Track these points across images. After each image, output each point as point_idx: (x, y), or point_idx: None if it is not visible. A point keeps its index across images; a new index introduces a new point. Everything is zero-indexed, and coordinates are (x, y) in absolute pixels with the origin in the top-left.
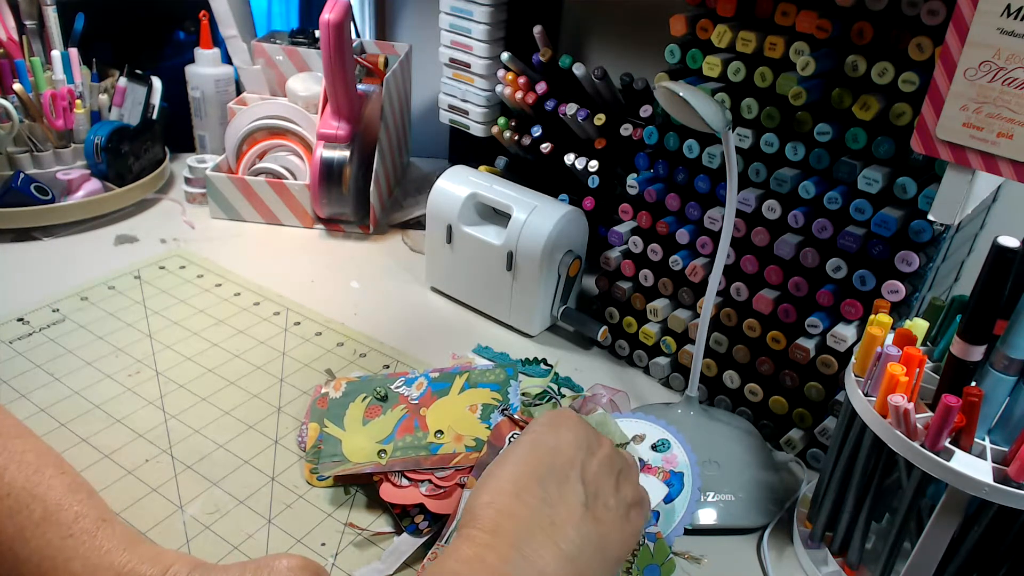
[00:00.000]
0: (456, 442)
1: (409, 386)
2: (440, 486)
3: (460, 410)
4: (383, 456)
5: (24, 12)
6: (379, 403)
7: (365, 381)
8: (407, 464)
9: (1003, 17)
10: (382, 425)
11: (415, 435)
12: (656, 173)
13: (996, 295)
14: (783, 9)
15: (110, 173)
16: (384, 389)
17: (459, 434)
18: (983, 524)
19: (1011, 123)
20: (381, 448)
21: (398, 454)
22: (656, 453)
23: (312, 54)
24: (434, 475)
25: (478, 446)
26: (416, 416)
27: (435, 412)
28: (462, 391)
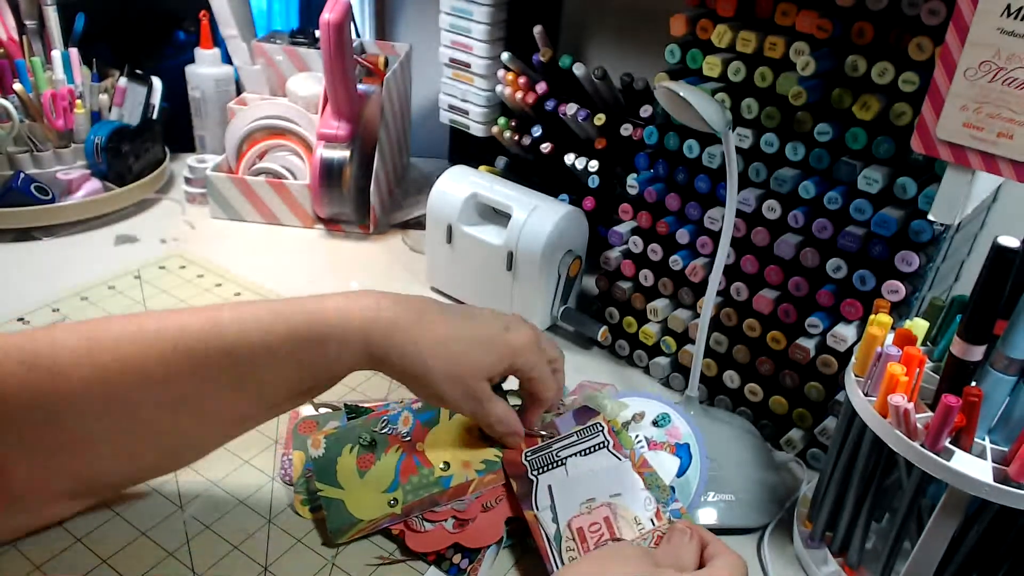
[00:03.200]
0: (465, 470)
1: (395, 423)
2: (465, 519)
3: (457, 435)
4: (395, 505)
5: (24, 12)
6: (368, 451)
7: (345, 430)
8: (424, 506)
9: (1003, 17)
10: (381, 473)
11: (420, 474)
12: (656, 173)
13: (996, 295)
14: (783, 9)
15: (110, 173)
16: (369, 435)
17: (465, 461)
18: (983, 524)
19: (1011, 123)
20: (390, 498)
21: (410, 498)
22: (658, 428)
23: (312, 54)
24: (454, 509)
25: (490, 467)
26: (414, 453)
27: (432, 444)
28: (450, 416)
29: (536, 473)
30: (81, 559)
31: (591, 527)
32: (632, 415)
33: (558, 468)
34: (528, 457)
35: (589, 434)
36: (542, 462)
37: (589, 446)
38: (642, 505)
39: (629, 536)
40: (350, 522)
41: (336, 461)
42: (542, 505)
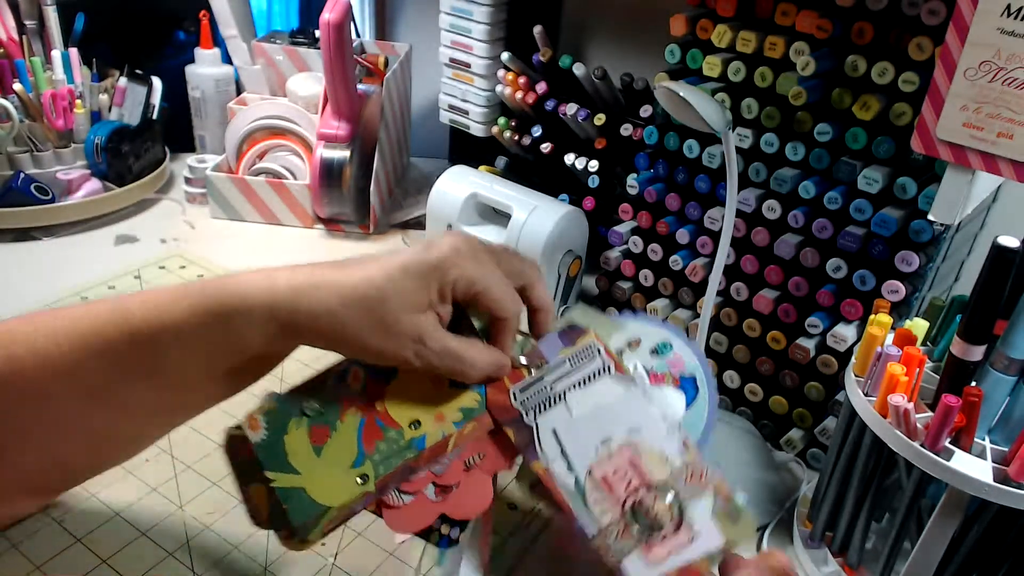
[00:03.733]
0: (439, 424)
1: (343, 384)
2: (446, 484)
3: (422, 387)
4: (366, 482)
5: (24, 12)
6: (320, 422)
7: (283, 402)
8: (399, 476)
9: (1003, 17)
10: (341, 445)
11: (387, 438)
12: (656, 173)
13: (996, 295)
14: (783, 9)
15: (110, 173)
16: (315, 402)
17: (438, 414)
18: (983, 524)
19: (1011, 123)
20: (358, 474)
21: (381, 470)
22: (658, 358)
23: (312, 54)
24: (433, 474)
25: (469, 415)
26: (375, 415)
27: (395, 400)
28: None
29: (533, 416)
30: (81, 559)
31: (616, 475)
32: (627, 342)
33: (558, 407)
34: (519, 396)
35: (583, 359)
36: (537, 400)
37: (587, 374)
38: (666, 438)
39: (661, 475)
40: (317, 512)
41: (283, 441)
42: (551, 455)
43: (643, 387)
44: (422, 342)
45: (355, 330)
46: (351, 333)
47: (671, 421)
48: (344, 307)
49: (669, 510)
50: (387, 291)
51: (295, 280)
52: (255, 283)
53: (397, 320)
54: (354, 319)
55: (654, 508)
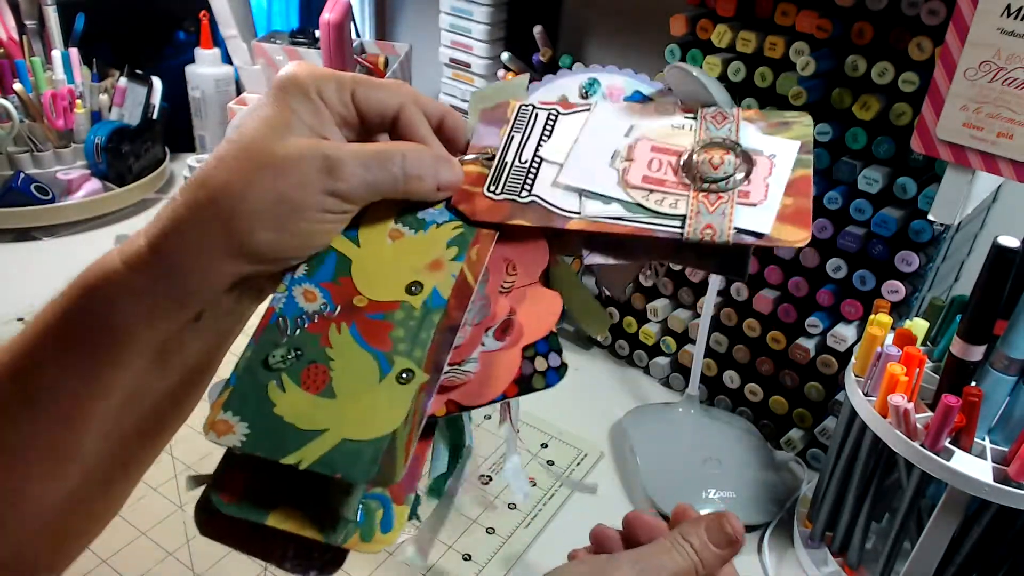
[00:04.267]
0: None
1: (297, 309)
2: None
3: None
4: (412, 375)
5: (24, 12)
6: (303, 365)
7: (243, 378)
8: (444, 347)
9: (1003, 17)
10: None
11: (396, 322)
12: None
13: (996, 295)
14: (783, 9)
15: (110, 173)
16: (282, 350)
17: (431, 262)
18: (983, 524)
19: (1011, 123)
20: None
21: (418, 353)
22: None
23: (312, 54)
24: (477, 324)
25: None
26: (362, 313)
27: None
28: (358, 243)
29: (527, 192)
30: (81, 559)
31: (651, 167)
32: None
33: (541, 168)
34: (495, 190)
35: (525, 120)
36: (518, 178)
37: (541, 128)
38: (661, 115)
39: (690, 141)
40: (383, 449)
41: (276, 415)
42: (575, 206)
43: (601, 101)
44: (328, 160)
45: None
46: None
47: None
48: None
49: (728, 152)
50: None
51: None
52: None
53: (282, 157)
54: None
55: (714, 157)
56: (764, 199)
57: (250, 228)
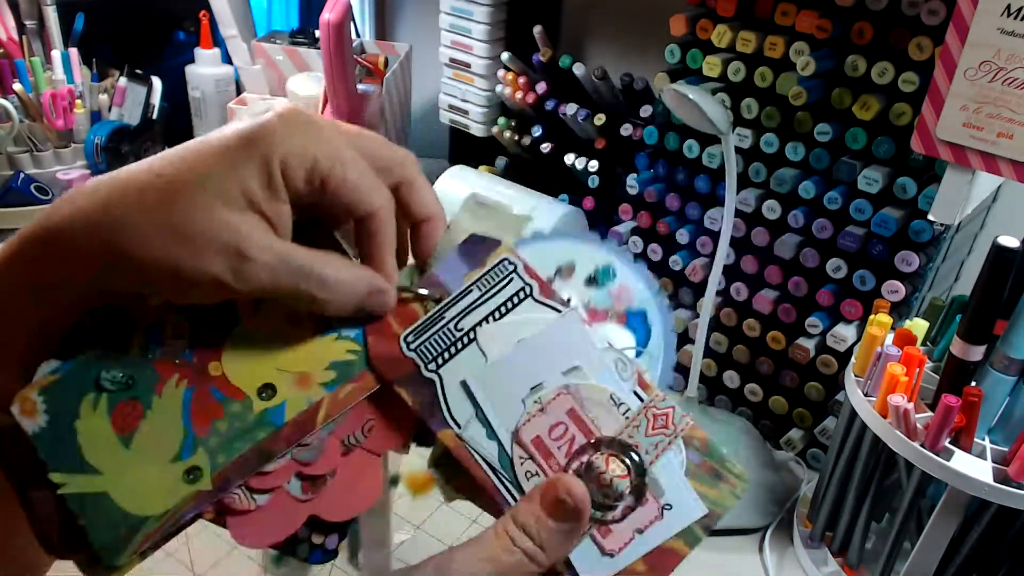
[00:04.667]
0: (303, 388)
1: (158, 341)
2: (318, 474)
3: (275, 338)
4: (198, 477)
5: (24, 12)
6: (126, 395)
7: (70, 375)
8: (247, 467)
9: (1003, 17)
10: (160, 430)
11: (228, 413)
12: (656, 173)
13: (996, 295)
14: (783, 9)
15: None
16: (118, 371)
17: (302, 374)
18: (983, 524)
19: (1011, 123)
20: (186, 467)
21: (221, 459)
22: (597, 289)
23: (312, 54)
24: (297, 461)
25: (344, 373)
26: (209, 381)
27: (235, 358)
28: (256, 306)
29: (435, 367)
30: None
31: (552, 432)
32: (556, 267)
33: (467, 350)
34: (412, 342)
35: (496, 280)
36: (439, 345)
37: (504, 299)
38: (614, 374)
39: (613, 428)
40: (128, 526)
41: (74, 428)
42: (463, 417)
43: (578, 315)
44: (241, 253)
45: (127, 239)
46: (121, 245)
47: (619, 355)
48: (106, 208)
49: (628, 473)
50: (176, 179)
51: (37, 217)
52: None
53: (192, 218)
54: (123, 223)
55: (608, 472)
56: (618, 552)
57: (129, 275)
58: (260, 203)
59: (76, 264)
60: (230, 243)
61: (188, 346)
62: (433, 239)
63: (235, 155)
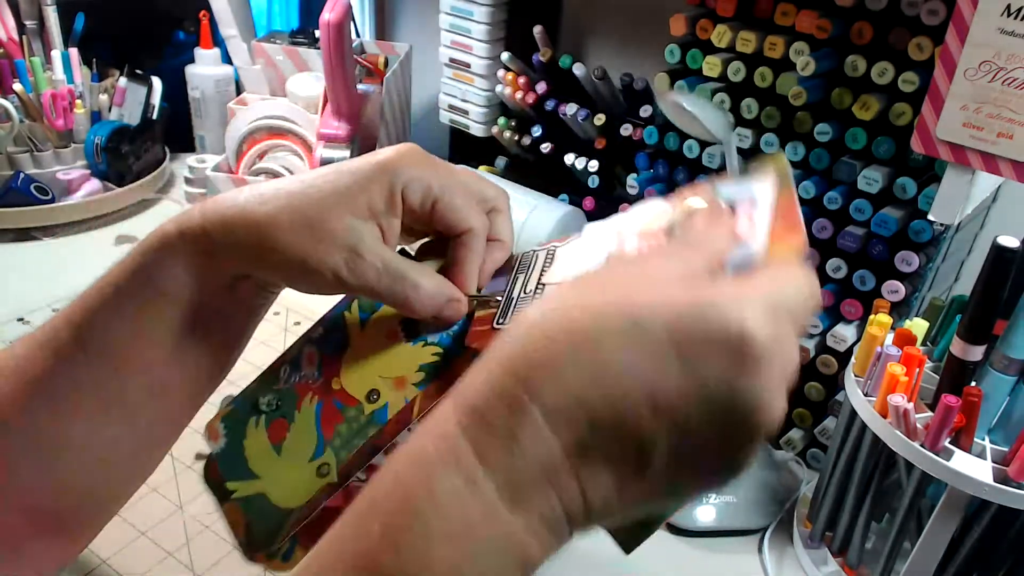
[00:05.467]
0: (399, 389)
1: (298, 367)
2: None
3: (377, 351)
4: (327, 472)
5: (24, 12)
6: (278, 416)
7: (240, 404)
8: (363, 459)
9: (1003, 17)
10: (300, 437)
11: (346, 418)
12: (656, 173)
13: (996, 295)
14: (783, 9)
15: (110, 173)
16: (271, 396)
17: (398, 377)
18: (983, 524)
19: (1011, 123)
20: (319, 464)
21: (343, 455)
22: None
23: (312, 54)
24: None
25: (431, 373)
26: (331, 395)
27: (351, 373)
28: (362, 327)
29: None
30: (81, 559)
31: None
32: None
33: (547, 292)
34: (504, 322)
35: (527, 263)
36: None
37: (542, 265)
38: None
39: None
40: (278, 520)
41: (243, 446)
42: None
43: (591, 226)
44: (356, 251)
45: (273, 231)
46: (268, 234)
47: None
48: (261, 205)
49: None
50: (317, 187)
51: (212, 198)
52: (169, 223)
53: (327, 220)
54: (271, 217)
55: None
56: (751, 232)
57: (268, 262)
58: (379, 215)
59: (232, 251)
60: (349, 242)
61: (319, 370)
62: (496, 264)
63: (368, 176)
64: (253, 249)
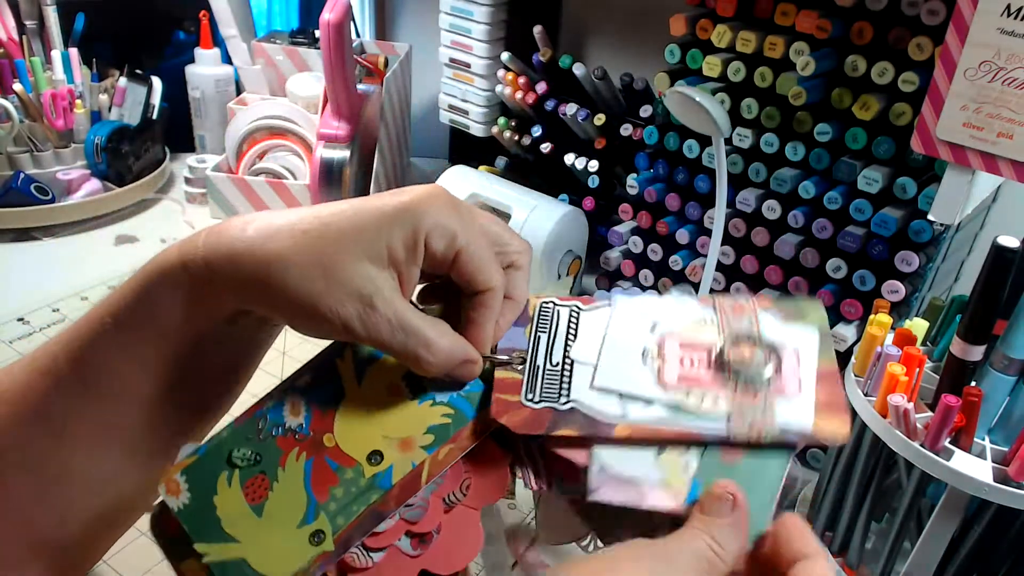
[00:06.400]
0: (405, 451)
1: (280, 418)
2: (425, 532)
3: (378, 407)
4: (322, 540)
5: (24, 12)
6: (255, 471)
7: (207, 453)
8: (364, 527)
9: (1003, 17)
10: (286, 498)
11: (343, 480)
12: (656, 173)
13: (996, 295)
14: (783, 9)
15: (110, 173)
16: (247, 449)
17: (404, 439)
18: (983, 524)
19: (1011, 123)
20: (311, 531)
21: (341, 521)
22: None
23: (312, 54)
24: (405, 520)
25: (441, 435)
26: (323, 452)
27: (346, 430)
28: (360, 379)
29: (565, 399)
30: None
31: (684, 366)
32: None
33: (575, 370)
34: (532, 398)
35: (547, 318)
36: (553, 384)
37: (566, 325)
38: (681, 305)
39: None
40: None
41: (213, 504)
42: (617, 412)
43: (618, 296)
44: (371, 303)
45: (282, 270)
46: (277, 274)
47: (669, 296)
48: (271, 241)
49: (755, 346)
50: (334, 227)
51: (216, 227)
52: (171, 250)
53: (343, 265)
54: (281, 255)
55: (743, 354)
56: (799, 392)
57: (275, 301)
58: (400, 263)
59: (236, 288)
60: (365, 292)
61: (306, 422)
62: (509, 321)
63: (391, 219)
64: (259, 287)
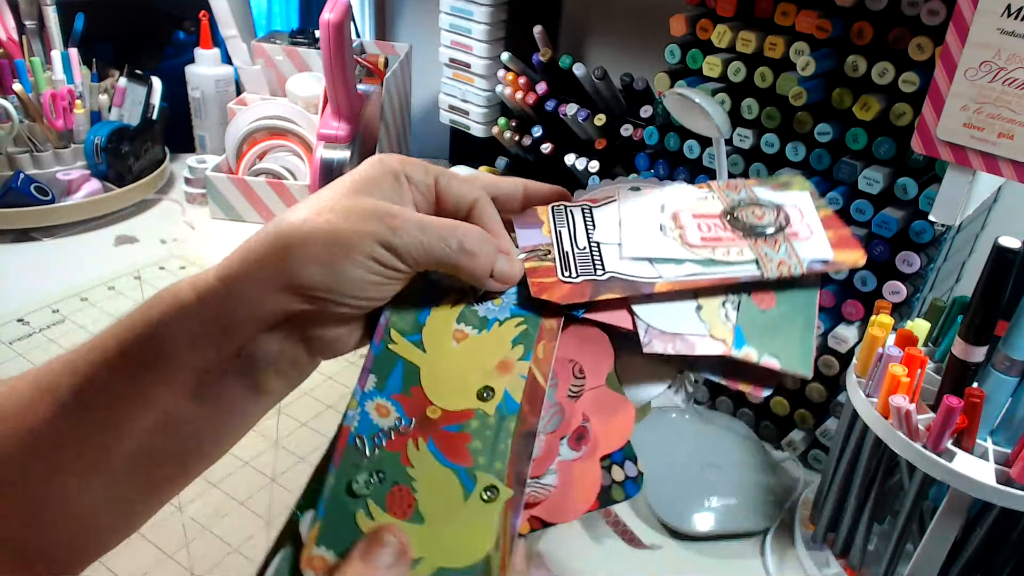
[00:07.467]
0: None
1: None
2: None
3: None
4: (494, 495)
5: (24, 12)
6: (387, 488)
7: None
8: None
9: (1003, 17)
10: (435, 487)
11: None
12: (656, 173)
13: (997, 296)
14: (783, 9)
15: (110, 173)
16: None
17: (498, 364)
18: (985, 526)
19: (1011, 123)
20: (481, 489)
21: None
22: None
23: (312, 54)
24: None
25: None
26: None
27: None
28: (423, 348)
29: (601, 270)
30: None
31: (702, 229)
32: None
33: (603, 249)
34: (569, 275)
35: (563, 216)
36: (586, 261)
37: (583, 220)
38: (684, 189)
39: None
40: (482, 571)
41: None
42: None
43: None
44: (389, 212)
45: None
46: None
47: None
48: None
49: (761, 207)
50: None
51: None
52: (183, 282)
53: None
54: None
55: (756, 212)
56: (811, 235)
57: (300, 261)
58: (396, 201)
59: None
60: (378, 208)
61: (399, 415)
62: (541, 190)
63: (373, 166)
64: (276, 267)
